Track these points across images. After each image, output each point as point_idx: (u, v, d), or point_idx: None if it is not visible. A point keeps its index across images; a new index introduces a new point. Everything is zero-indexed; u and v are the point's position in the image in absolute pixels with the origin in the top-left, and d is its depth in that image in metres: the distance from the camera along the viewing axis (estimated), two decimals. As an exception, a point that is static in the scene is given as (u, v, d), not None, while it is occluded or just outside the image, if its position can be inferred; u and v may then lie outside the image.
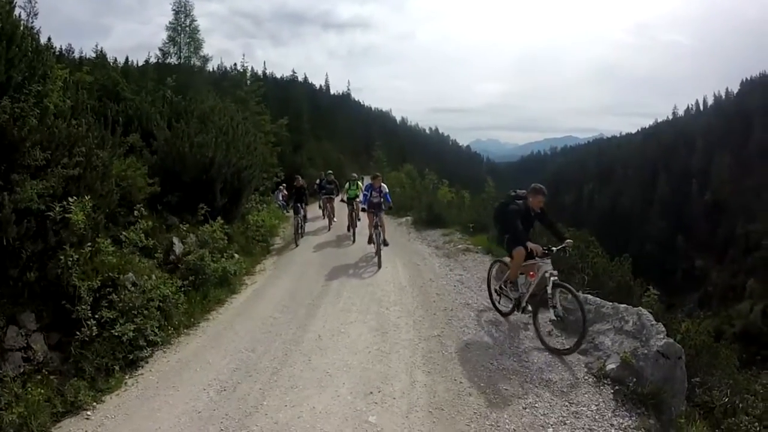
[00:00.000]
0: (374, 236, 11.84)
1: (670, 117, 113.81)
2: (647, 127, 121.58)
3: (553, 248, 6.85)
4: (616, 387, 5.36)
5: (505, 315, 7.58)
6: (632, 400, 5.20)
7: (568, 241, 6.93)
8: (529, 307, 6.96)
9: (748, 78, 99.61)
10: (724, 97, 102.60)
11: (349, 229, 15.60)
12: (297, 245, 14.43)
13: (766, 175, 78.20)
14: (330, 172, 20.15)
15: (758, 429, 5.44)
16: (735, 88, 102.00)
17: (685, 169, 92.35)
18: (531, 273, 6.95)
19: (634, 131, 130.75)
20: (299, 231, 15.17)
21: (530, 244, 6.69)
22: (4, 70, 6.02)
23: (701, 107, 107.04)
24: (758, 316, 55.65)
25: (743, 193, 79.49)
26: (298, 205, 15.47)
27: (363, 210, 12.93)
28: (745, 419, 5.45)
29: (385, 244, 11.96)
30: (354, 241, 14.56)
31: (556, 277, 6.49)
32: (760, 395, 6.36)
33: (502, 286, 7.65)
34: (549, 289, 6.44)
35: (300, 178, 17.52)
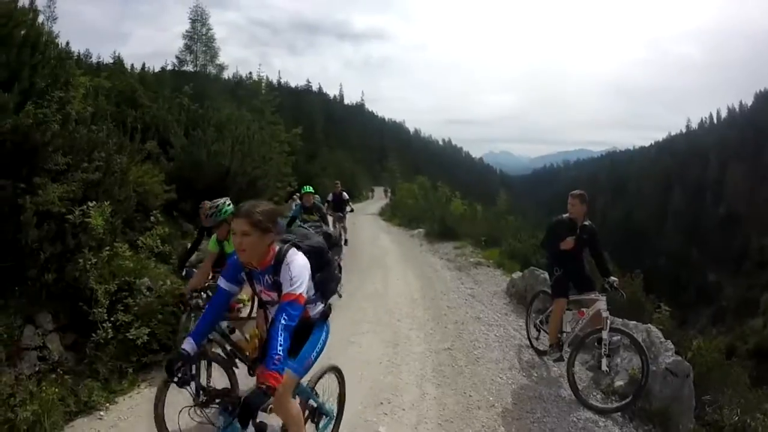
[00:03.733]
0: None
1: (684, 130, 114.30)
2: (661, 140, 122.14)
3: (615, 283, 5.87)
4: (624, 403, 5.35)
5: (541, 354, 6.74)
6: (640, 417, 5.25)
7: (613, 278, 5.95)
8: (565, 353, 6.10)
9: (762, 90, 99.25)
10: (738, 109, 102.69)
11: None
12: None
13: (781, 187, 77.69)
14: (303, 192, 11.14)
15: (769, 449, 5.40)
16: (749, 101, 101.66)
17: (699, 182, 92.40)
18: (581, 310, 6.11)
19: (647, 144, 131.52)
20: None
21: (564, 243, 5.96)
22: (28, 77, 6.14)
23: (715, 120, 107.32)
24: (772, 332, 54.85)
25: (758, 206, 79.15)
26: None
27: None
28: (755, 438, 5.42)
29: None
30: None
31: (611, 320, 5.66)
32: (771, 414, 6.31)
33: (543, 320, 6.79)
34: (605, 334, 5.54)
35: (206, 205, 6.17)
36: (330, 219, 12.81)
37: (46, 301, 5.75)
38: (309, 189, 10.89)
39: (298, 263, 3.08)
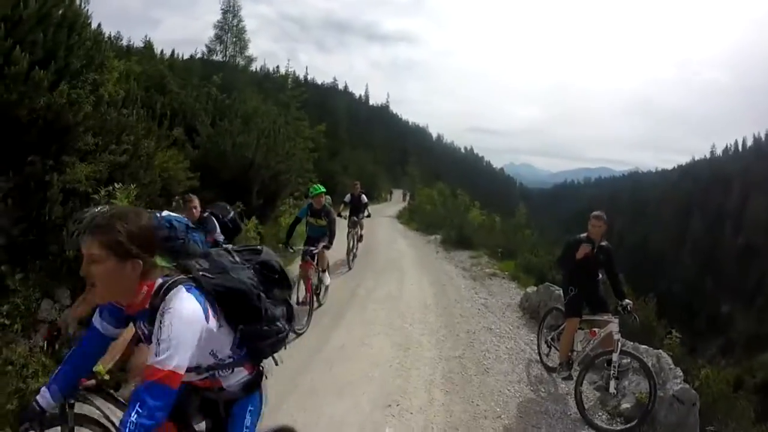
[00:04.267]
0: None
1: (708, 155, 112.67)
2: (684, 164, 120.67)
3: (629, 306, 5.79)
4: (629, 426, 5.32)
5: (550, 370, 6.69)
6: None
7: (627, 301, 5.84)
8: (574, 372, 6.10)
9: None
10: (764, 138, 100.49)
11: None
12: None
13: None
14: (313, 192, 9.13)
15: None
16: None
17: (719, 210, 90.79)
18: (593, 330, 6.08)
19: (669, 167, 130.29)
20: None
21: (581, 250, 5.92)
22: (63, 57, 6.20)
23: (740, 148, 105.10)
24: (781, 369, 53.70)
25: (778, 240, 77.48)
26: None
27: None
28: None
29: None
30: None
31: (622, 342, 5.64)
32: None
33: (555, 337, 6.77)
34: (615, 357, 5.51)
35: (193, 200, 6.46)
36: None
37: (66, 277, 5.80)
38: (320, 189, 9.12)
39: (179, 314, 1.84)
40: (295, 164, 14.74)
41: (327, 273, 9.08)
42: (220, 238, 6.19)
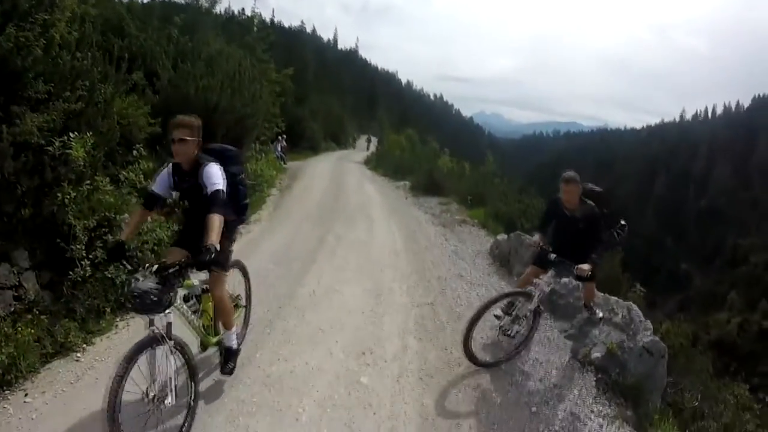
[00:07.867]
0: None
1: (678, 119, 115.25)
2: (653, 125, 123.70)
3: (578, 269, 5.10)
4: (599, 375, 5.48)
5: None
6: (613, 390, 5.35)
7: (583, 266, 5.07)
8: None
9: (761, 95, 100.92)
10: (734, 108, 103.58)
11: None
12: None
13: (764, 192, 78.86)
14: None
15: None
16: (746, 102, 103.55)
17: (684, 173, 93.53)
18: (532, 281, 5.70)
19: (638, 127, 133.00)
20: None
21: (538, 236, 5.66)
22: (9, -3, 5.78)
23: (710, 115, 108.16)
24: (735, 328, 55.63)
25: (739, 206, 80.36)
26: None
27: None
28: (713, 425, 5.57)
29: None
30: None
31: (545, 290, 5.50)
32: (729, 405, 6.47)
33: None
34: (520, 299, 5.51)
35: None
36: None
37: (23, 238, 5.52)
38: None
39: None
40: (261, 108, 14.32)
41: None
42: None
